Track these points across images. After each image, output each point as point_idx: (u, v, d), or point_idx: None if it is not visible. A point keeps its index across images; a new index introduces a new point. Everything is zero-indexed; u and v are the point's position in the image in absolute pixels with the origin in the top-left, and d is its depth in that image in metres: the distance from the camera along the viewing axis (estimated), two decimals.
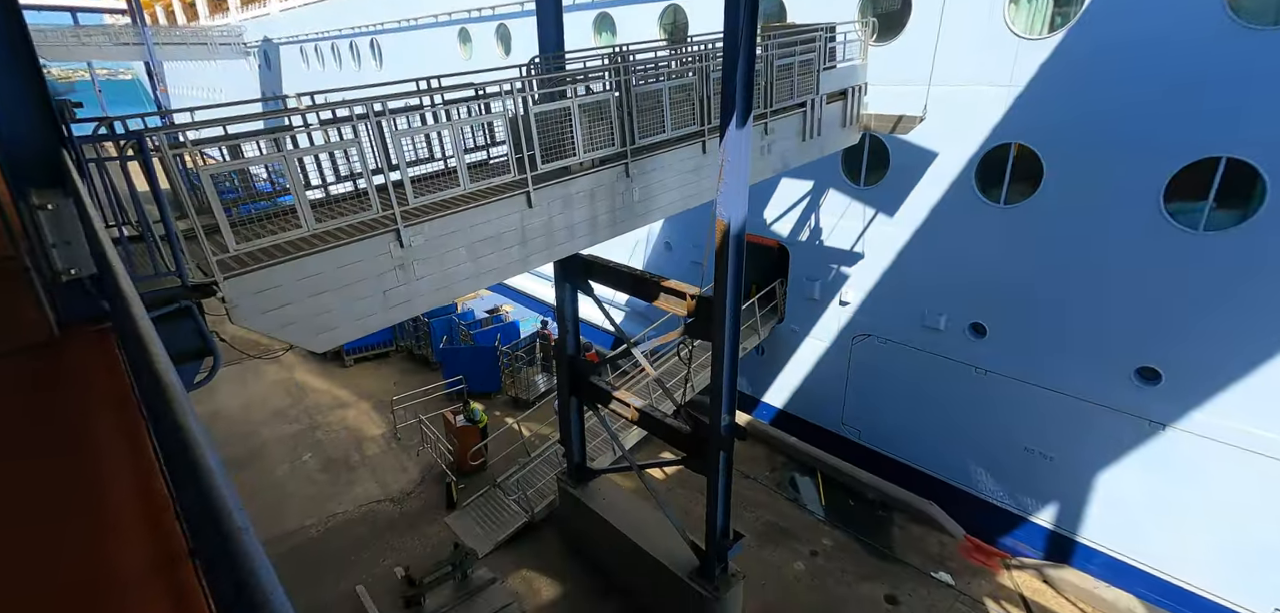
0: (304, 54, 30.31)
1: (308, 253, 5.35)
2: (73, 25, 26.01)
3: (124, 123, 4.49)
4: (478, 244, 6.64)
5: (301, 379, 20.90)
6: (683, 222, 17.49)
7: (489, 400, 19.59)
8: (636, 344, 11.30)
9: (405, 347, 22.88)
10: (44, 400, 3.15)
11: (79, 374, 3.29)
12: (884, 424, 15.76)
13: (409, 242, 5.96)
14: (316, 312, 5.53)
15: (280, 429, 18.13)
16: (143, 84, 27.91)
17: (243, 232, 5.23)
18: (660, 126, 8.31)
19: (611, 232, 8.10)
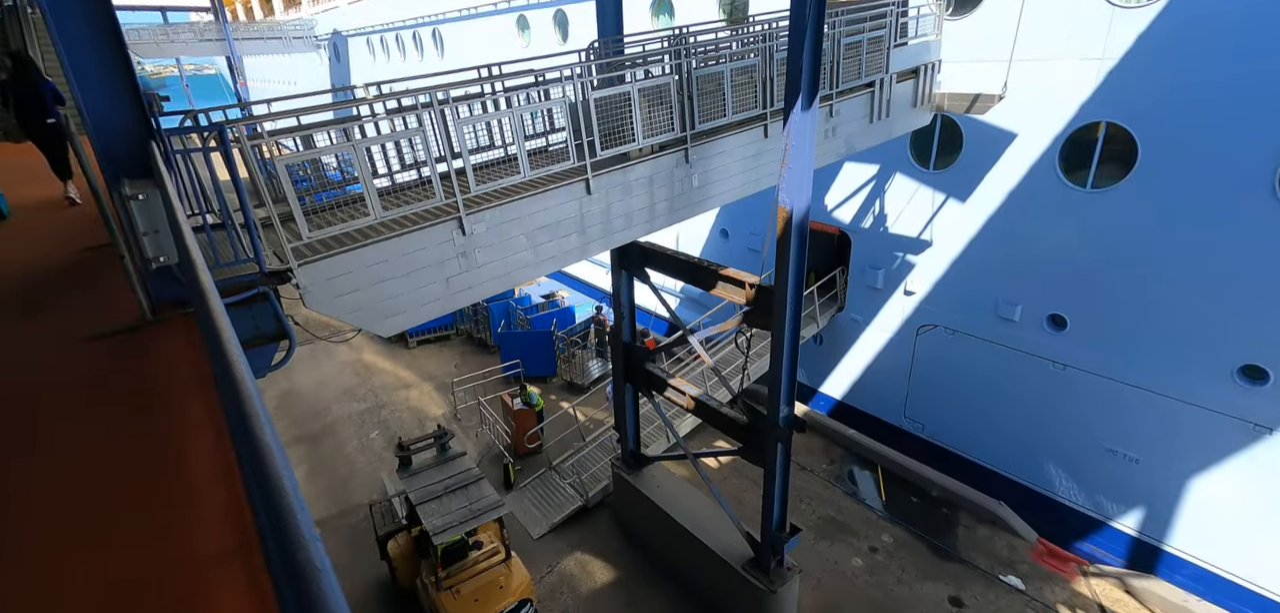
0: (370, 45, 31.37)
1: (375, 240, 5.48)
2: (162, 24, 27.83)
3: (207, 115, 4.69)
4: (537, 231, 6.66)
5: (369, 361, 21.80)
6: (741, 207, 17.14)
7: (545, 385, 19.92)
8: (692, 332, 11.17)
9: (465, 330, 23.49)
10: (134, 381, 3.32)
11: (166, 357, 3.45)
12: (950, 419, 15.08)
13: (471, 229, 6.02)
14: (383, 297, 5.67)
15: (349, 408, 18.98)
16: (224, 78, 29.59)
17: (315, 219, 5.40)
18: (721, 110, 8.10)
19: (670, 219, 7.98)
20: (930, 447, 15.59)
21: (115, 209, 3.73)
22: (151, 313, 3.79)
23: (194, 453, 2.78)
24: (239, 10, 44.96)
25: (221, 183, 4.87)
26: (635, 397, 13.00)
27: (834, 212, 15.81)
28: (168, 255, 3.50)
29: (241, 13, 44.61)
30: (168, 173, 3.50)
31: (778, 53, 8.57)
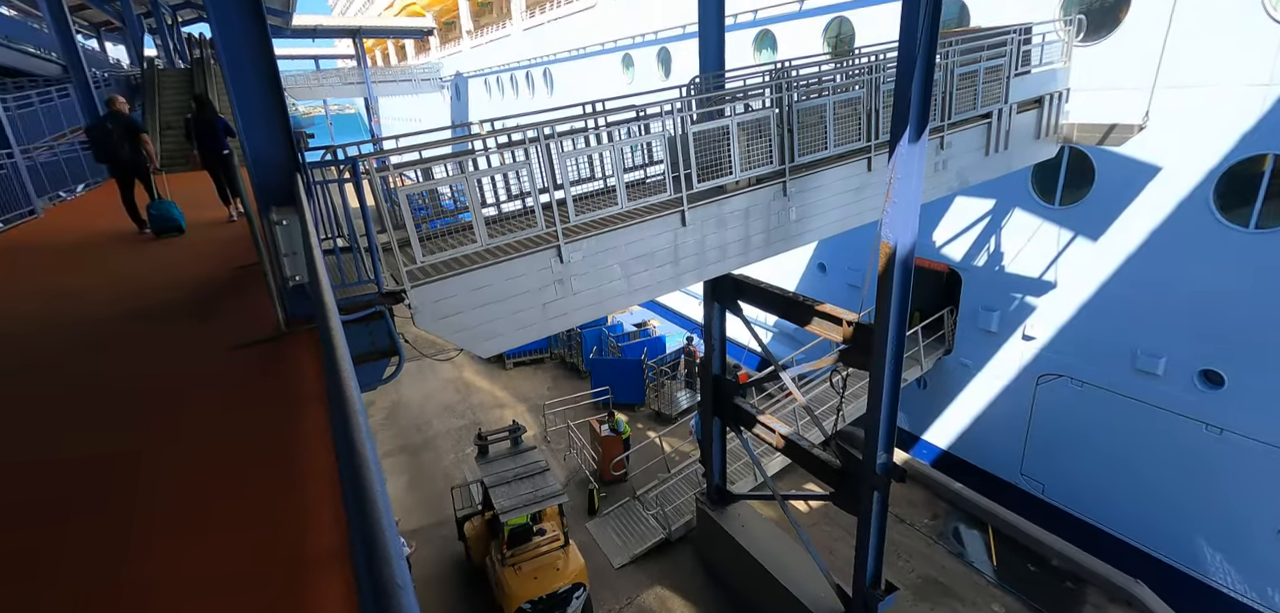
0: (487, 85, 33.69)
1: (480, 266, 5.80)
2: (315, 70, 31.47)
3: (344, 150, 5.20)
4: (631, 261, 6.77)
5: (469, 379, 22.96)
6: (840, 241, 16.59)
7: (633, 413, 20.04)
8: (785, 368, 10.86)
9: (558, 355, 24.20)
10: (264, 388, 3.69)
11: (294, 368, 3.81)
12: (1076, 481, 13.56)
13: (568, 258, 6.23)
14: (485, 320, 5.97)
15: (449, 423, 20.03)
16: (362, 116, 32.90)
17: (428, 245, 5.81)
18: (822, 143, 7.92)
19: (765, 252, 7.85)
20: (1051, 509, 14.08)
21: (264, 233, 4.21)
22: (286, 326, 4.21)
23: (309, 458, 3.03)
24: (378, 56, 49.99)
25: (352, 210, 5.36)
26: (723, 431, 12.77)
27: (943, 248, 14.90)
28: (302, 275, 3.89)
29: (380, 58, 49.55)
30: (307, 201, 3.91)
31: (885, 84, 8.28)
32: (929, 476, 16.28)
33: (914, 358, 14.90)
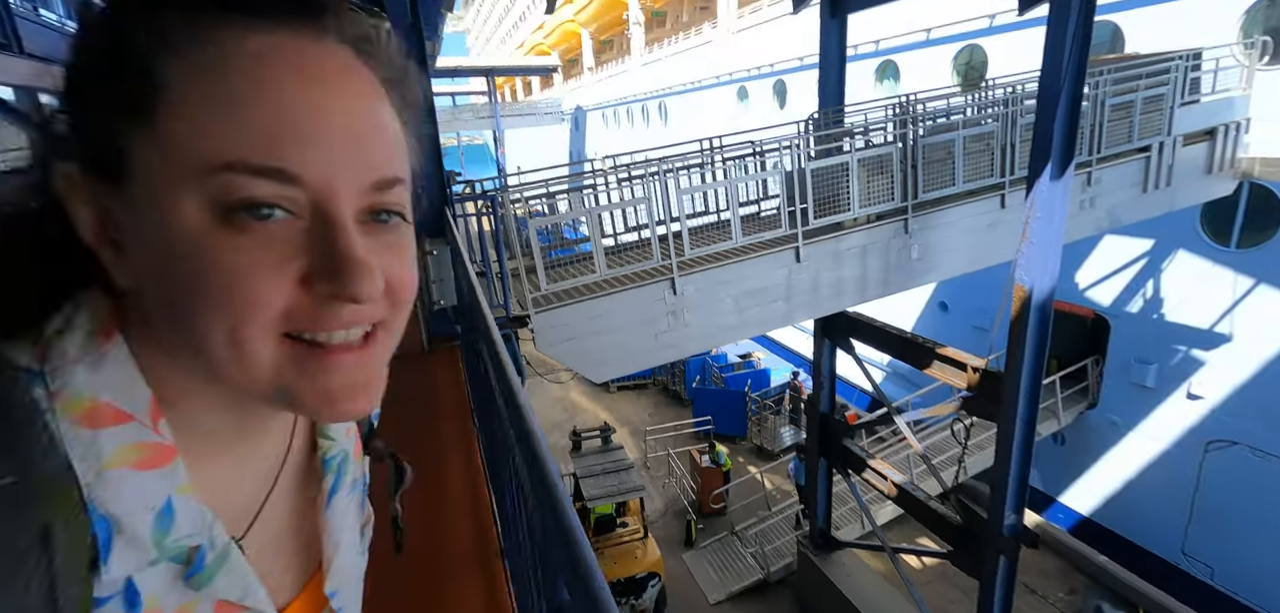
0: (604, 117, 35.18)
1: (597, 295, 6.09)
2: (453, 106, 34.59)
3: (481, 184, 5.72)
4: (744, 296, 6.80)
5: (575, 399, 23.75)
6: (964, 281, 15.51)
7: (734, 445, 19.75)
8: (900, 412, 10.30)
9: (661, 382, 24.41)
10: (411, 401, 4.11)
11: (435, 383, 4.22)
12: (1255, 568, 11.61)
13: (682, 290, 6.37)
14: (600, 347, 6.24)
15: (555, 440, 20.79)
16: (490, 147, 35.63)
17: (551, 273, 6.19)
18: (949, 179, 7.55)
19: (883, 290, 7.58)
20: (1223, 599, 12.13)
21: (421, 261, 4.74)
22: (428, 345, 4.68)
23: (451, 467, 3.34)
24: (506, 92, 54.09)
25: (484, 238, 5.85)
26: (829, 473, 12.28)
27: (1088, 291, 13.51)
28: (447, 299, 4.32)
29: (507, 94, 53.59)
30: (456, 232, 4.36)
31: (1023, 117, 7.77)
32: (1066, 543, 14.61)
33: (1050, 410, 13.56)
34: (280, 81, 0.37)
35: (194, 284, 0.38)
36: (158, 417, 0.43)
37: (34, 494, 0.37)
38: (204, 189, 0.37)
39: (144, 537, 0.42)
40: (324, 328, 0.40)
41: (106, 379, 0.42)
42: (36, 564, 0.37)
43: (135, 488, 0.42)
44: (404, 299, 0.45)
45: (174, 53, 0.37)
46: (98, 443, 0.41)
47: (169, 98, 0.37)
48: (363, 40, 0.43)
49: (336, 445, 0.59)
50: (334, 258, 0.39)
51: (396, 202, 0.44)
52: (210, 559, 0.46)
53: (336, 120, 0.39)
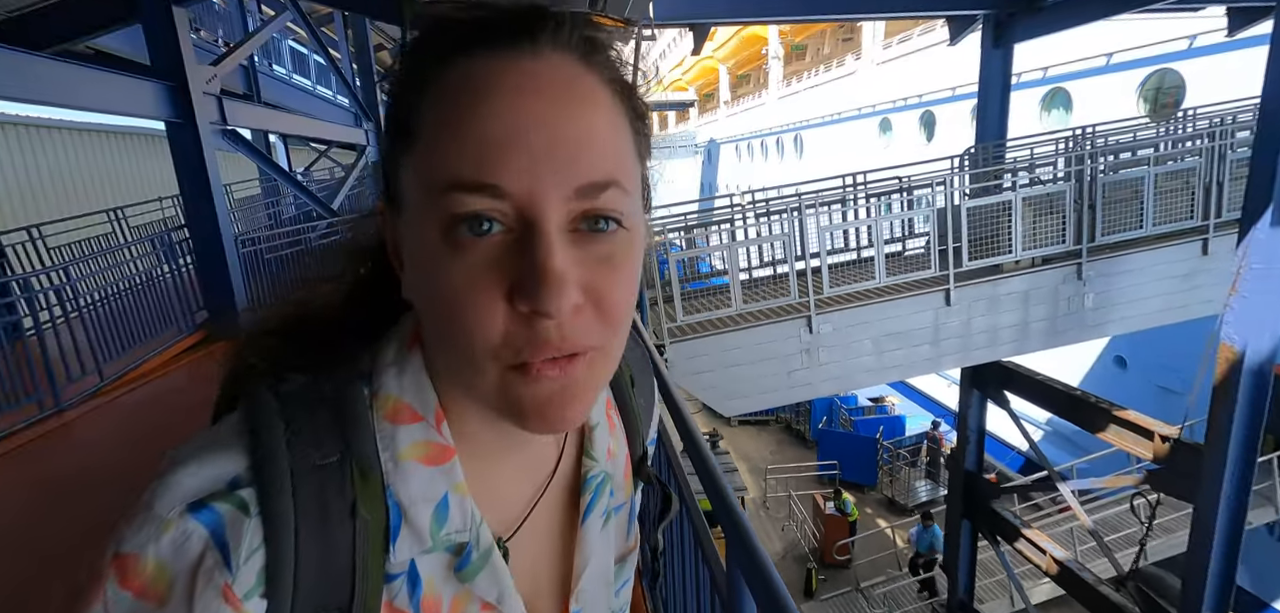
0: (737, 150, 35.31)
1: (732, 329, 6.11)
2: None
3: None
4: (884, 338, 6.48)
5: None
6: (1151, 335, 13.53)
7: (861, 494, 18.55)
8: (1063, 478, 9.15)
9: (785, 419, 23.64)
10: None
11: None
12: None
13: (818, 328, 6.21)
14: (732, 381, 6.23)
15: None
16: None
17: (685, 305, 6.32)
18: (1134, 220, 6.71)
19: (1048, 341, 6.86)
20: None
21: None
22: None
23: None
24: None
25: None
26: (973, 538, 11.13)
27: None
28: None
29: None
30: None
31: (1233, 151, 6.73)
32: None
33: (1265, 495, 11.35)
34: (492, 100, 0.39)
35: (432, 298, 0.42)
36: (441, 419, 0.48)
37: (350, 471, 0.44)
38: (435, 207, 0.40)
39: (423, 527, 0.46)
40: (532, 353, 0.40)
41: (406, 383, 0.48)
42: (346, 530, 0.43)
43: (421, 481, 0.46)
44: (615, 318, 0.43)
45: (423, 92, 0.42)
46: (396, 437, 0.46)
47: (422, 131, 0.42)
48: (588, 47, 0.44)
49: (598, 466, 0.58)
50: (531, 270, 0.39)
51: (610, 206, 0.42)
52: (475, 558, 0.49)
53: (543, 130, 0.39)
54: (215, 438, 0.43)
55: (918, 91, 20.51)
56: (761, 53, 33.83)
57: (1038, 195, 6.53)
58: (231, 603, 0.39)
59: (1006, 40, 7.89)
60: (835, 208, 7.28)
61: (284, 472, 0.42)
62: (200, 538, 0.39)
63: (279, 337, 0.51)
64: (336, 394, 0.46)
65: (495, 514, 0.52)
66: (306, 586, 0.41)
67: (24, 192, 12.20)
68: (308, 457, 0.43)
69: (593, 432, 0.59)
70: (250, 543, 0.40)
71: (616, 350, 0.45)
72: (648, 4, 4.91)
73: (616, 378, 0.64)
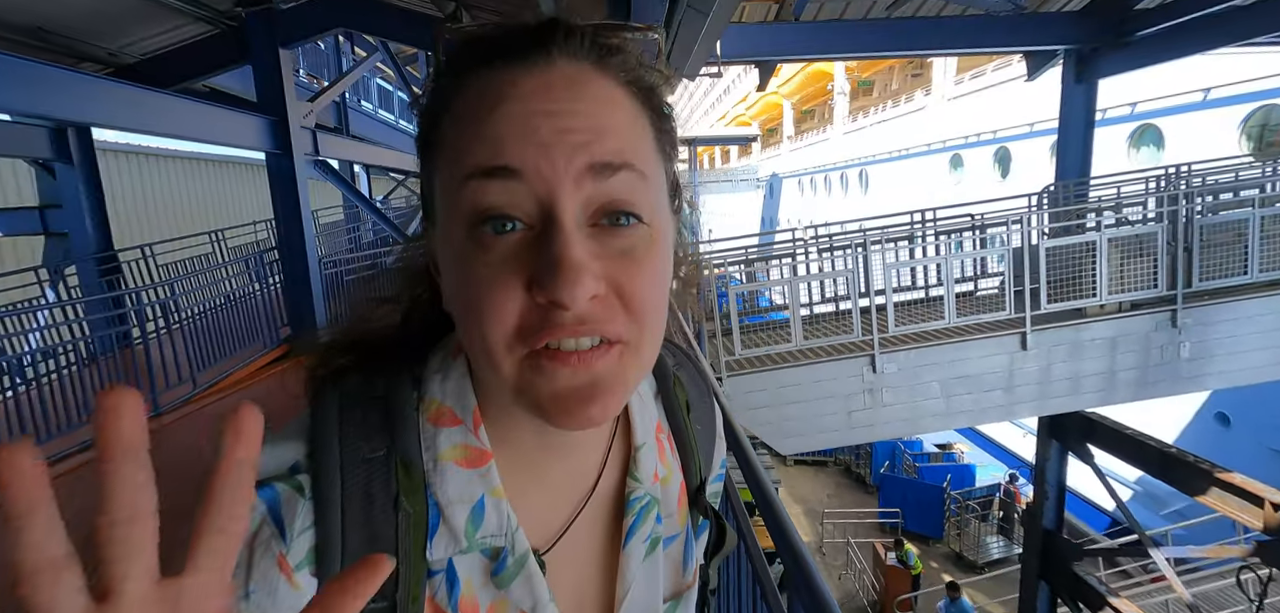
0: (800, 185, 35.01)
1: (791, 364, 5.99)
2: None
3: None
4: (953, 381, 6.20)
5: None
6: (1260, 391, 12.34)
7: (925, 546, 17.55)
8: (1157, 544, 8.39)
9: (844, 461, 22.80)
10: None
11: None
12: None
13: (882, 368, 6.01)
14: (789, 418, 6.10)
15: None
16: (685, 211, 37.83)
17: (743, 338, 6.25)
18: (1238, 265, 6.21)
19: (1137, 392, 6.39)
20: None
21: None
22: None
23: None
24: (705, 160, 57.11)
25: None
26: (1051, 602, 10.32)
27: None
28: None
29: (706, 162, 56.58)
30: None
31: None
32: None
33: None
34: (508, 102, 0.41)
35: (459, 297, 0.44)
36: (478, 423, 0.49)
37: (395, 466, 0.47)
38: (459, 206, 0.42)
39: (459, 527, 0.47)
40: (548, 337, 0.41)
41: (449, 388, 0.50)
42: (390, 520, 0.46)
43: (458, 482, 0.48)
44: (638, 309, 0.43)
45: (448, 107, 0.45)
46: (437, 438, 0.49)
47: (446, 141, 0.44)
48: (602, 52, 0.45)
49: (642, 488, 0.56)
50: (548, 260, 0.39)
51: (626, 193, 0.42)
52: (510, 564, 0.49)
53: (554, 119, 0.41)
54: (286, 430, 0.48)
55: (992, 127, 19.80)
56: (827, 88, 33.58)
57: (1126, 236, 6.15)
58: (284, 571, 0.43)
59: (1090, 76, 7.55)
60: (902, 244, 7.08)
61: (334, 460, 0.45)
62: (260, 512, 0.43)
63: (345, 350, 0.54)
64: (388, 395, 0.49)
65: (534, 525, 0.52)
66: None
67: (140, 213, 13.51)
68: (357, 449, 0.46)
69: (637, 452, 0.57)
70: (302, 521, 0.44)
71: (647, 350, 0.45)
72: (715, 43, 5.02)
73: (671, 403, 0.63)
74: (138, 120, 5.24)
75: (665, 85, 0.49)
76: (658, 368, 0.63)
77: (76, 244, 7.22)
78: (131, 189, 13.51)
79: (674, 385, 0.64)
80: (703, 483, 0.65)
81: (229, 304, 7.73)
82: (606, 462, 0.57)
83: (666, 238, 0.46)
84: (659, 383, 0.63)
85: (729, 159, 51.51)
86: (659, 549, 0.59)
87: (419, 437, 0.48)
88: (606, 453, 0.57)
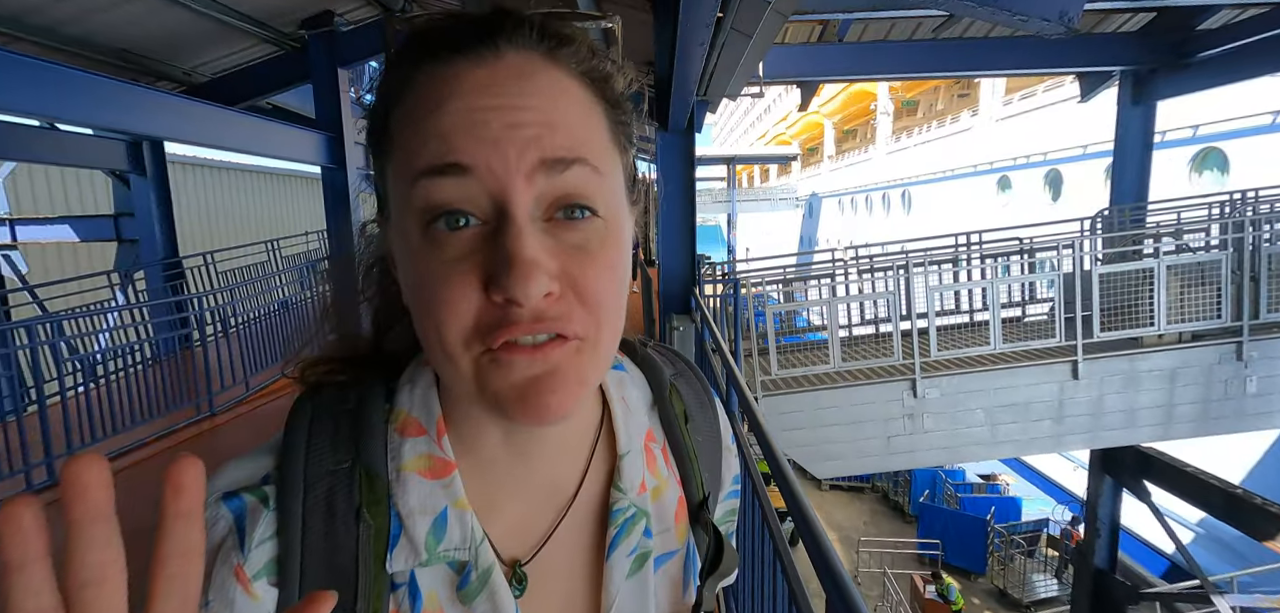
0: (840, 204, 34.57)
1: (829, 386, 5.91)
2: None
3: (721, 267, 6.05)
4: (999, 409, 6.01)
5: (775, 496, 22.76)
6: None
7: (967, 581, 16.88)
8: (1221, 592, 7.90)
9: (882, 488, 22.20)
10: None
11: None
12: None
13: (924, 393, 5.87)
14: (826, 441, 6.00)
15: None
16: (721, 229, 37.38)
17: (781, 359, 6.20)
18: None
19: (1199, 428, 6.08)
20: None
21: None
22: None
23: None
24: (743, 178, 56.95)
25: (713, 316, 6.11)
26: None
27: None
28: None
29: (744, 180, 56.42)
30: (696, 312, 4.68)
31: None
32: None
33: None
34: (456, 98, 0.41)
35: (415, 295, 0.43)
36: (442, 433, 0.48)
37: (358, 478, 0.47)
38: (412, 203, 0.41)
39: (419, 539, 0.46)
40: (506, 335, 0.40)
41: (416, 397, 0.50)
42: (351, 532, 0.46)
43: (420, 493, 0.47)
44: (593, 303, 0.42)
45: (396, 104, 0.44)
46: (402, 449, 0.48)
47: (395, 137, 0.43)
48: (553, 42, 0.44)
49: (626, 498, 0.54)
50: (502, 257, 0.39)
51: (580, 187, 0.42)
52: (474, 578, 0.47)
53: (503, 113, 0.40)
54: (264, 444, 0.48)
55: (1042, 149, 19.22)
56: (870, 108, 33.19)
57: (1186, 264, 5.89)
58: (241, 581, 0.43)
59: (1148, 97, 7.30)
60: (946, 267, 6.93)
61: (298, 472, 0.46)
62: (226, 522, 0.44)
63: (328, 364, 0.54)
64: (358, 406, 0.49)
65: (512, 536, 0.51)
66: (313, 577, 0.44)
67: (204, 222, 14.25)
68: (323, 461, 0.46)
69: (621, 461, 0.54)
70: (263, 531, 0.44)
71: (605, 344, 0.44)
72: (757, 64, 5.06)
73: (667, 413, 0.60)
74: (209, 135, 5.57)
75: (619, 75, 0.48)
76: (654, 378, 0.61)
77: (146, 250, 7.68)
78: (196, 199, 14.28)
79: (670, 395, 0.61)
80: (706, 499, 0.61)
81: (281, 310, 8.07)
82: (587, 471, 0.55)
83: (623, 230, 0.46)
84: (654, 393, 0.61)
85: (768, 178, 51.34)
86: (649, 565, 0.55)
87: (386, 447, 0.48)
88: (587, 462, 0.55)
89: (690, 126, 4.69)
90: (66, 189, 11.33)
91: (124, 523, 0.26)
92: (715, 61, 3.97)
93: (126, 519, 0.26)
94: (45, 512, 0.24)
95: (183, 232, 8.52)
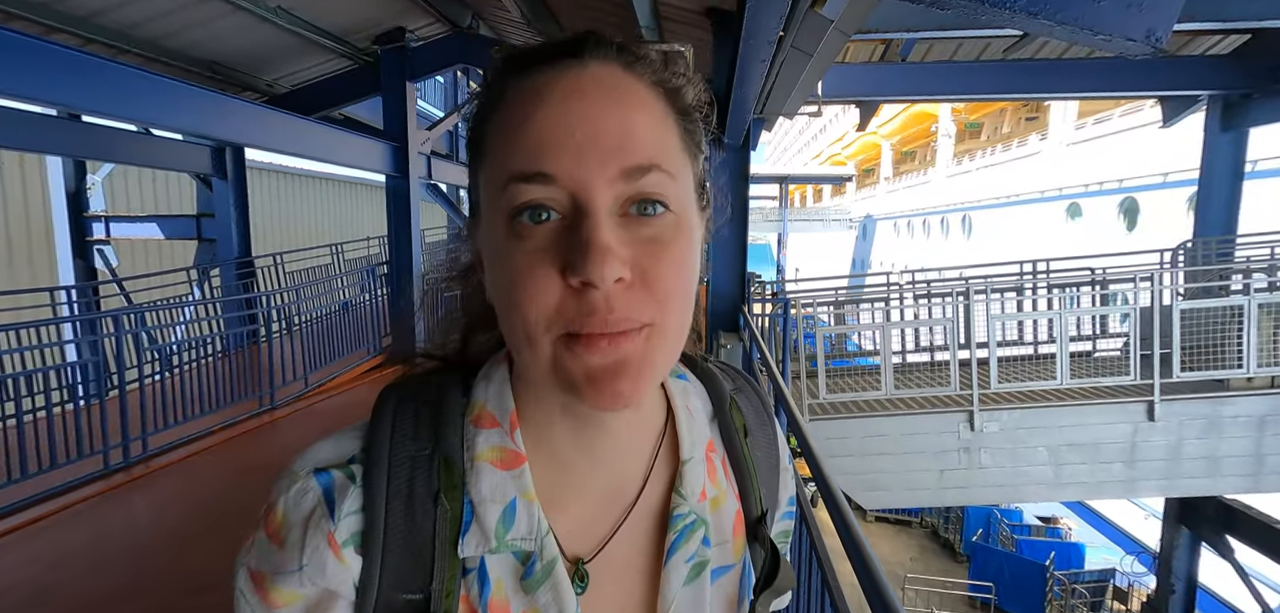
0: (896, 227, 33.68)
1: (880, 413, 5.72)
2: None
3: (773, 287, 5.96)
4: (1064, 448, 5.68)
5: (822, 519, 22.14)
6: None
7: None
8: None
9: (931, 523, 21.26)
10: None
11: None
12: None
13: (981, 426, 5.61)
14: (875, 470, 5.80)
15: None
16: (771, 248, 36.95)
17: (830, 382, 6.04)
18: None
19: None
20: None
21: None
22: None
23: None
24: (796, 198, 56.35)
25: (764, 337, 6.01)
26: None
27: None
28: None
29: (796, 200, 55.84)
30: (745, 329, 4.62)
31: None
32: None
33: None
34: (543, 106, 0.44)
35: (499, 285, 0.46)
36: (515, 426, 0.52)
37: (437, 464, 0.50)
38: (500, 204, 0.45)
39: (489, 527, 0.49)
40: (583, 326, 0.43)
41: (491, 390, 0.53)
42: (429, 515, 0.49)
43: (491, 482, 0.50)
44: (663, 293, 0.45)
45: (491, 115, 0.48)
46: (476, 439, 0.51)
47: (489, 144, 0.48)
48: (630, 57, 0.48)
49: (687, 504, 0.55)
50: (579, 245, 0.42)
51: (654, 188, 0.45)
52: (538, 569, 0.50)
53: (588, 123, 0.44)
54: (351, 427, 0.53)
55: (1117, 175, 18.22)
56: (930, 130, 32.27)
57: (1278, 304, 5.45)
58: (333, 547, 0.47)
59: (1239, 124, 6.84)
60: (1009, 295, 6.62)
61: (383, 455, 0.50)
62: (315, 494, 0.48)
63: (423, 360, 0.60)
64: (438, 397, 0.53)
65: (575, 534, 0.53)
66: (394, 552, 0.48)
67: (276, 225, 15.07)
68: (405, 447, 0.50)
69: (683, 467, 0.56)
70: (350, 504, 0.48)
71: (673, 333, 0.47)
72: (816, 83, 5.00)
73: (727, 425, 0.62)
74: (287, 142, 5.91)
75: (689, 87, 0.52)
76: (714, 390, 0.63)
77: (222, 249, 8.15)
78: (269, 203, 15.11)
79: (730, 408, 0.63)
80: (764, 515, 0.63)
81: (342, 311, 8.42)
82: (650, 475, 0.56)
83: (693, 229, 0.49)
84: (714, 405, 0.63)
85: (821, 197, 50.41)
86: (706, 575, 0.56)
87: (462, 437, 0.52)
88: (650, 465, 0.56)
89: (745, 143, 4.66)
90: (156, 190, 12.19)
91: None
92: (774, 79, 3.94)
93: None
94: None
95: (255, 233, 9.02)
